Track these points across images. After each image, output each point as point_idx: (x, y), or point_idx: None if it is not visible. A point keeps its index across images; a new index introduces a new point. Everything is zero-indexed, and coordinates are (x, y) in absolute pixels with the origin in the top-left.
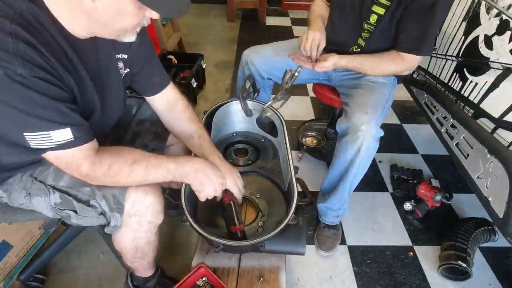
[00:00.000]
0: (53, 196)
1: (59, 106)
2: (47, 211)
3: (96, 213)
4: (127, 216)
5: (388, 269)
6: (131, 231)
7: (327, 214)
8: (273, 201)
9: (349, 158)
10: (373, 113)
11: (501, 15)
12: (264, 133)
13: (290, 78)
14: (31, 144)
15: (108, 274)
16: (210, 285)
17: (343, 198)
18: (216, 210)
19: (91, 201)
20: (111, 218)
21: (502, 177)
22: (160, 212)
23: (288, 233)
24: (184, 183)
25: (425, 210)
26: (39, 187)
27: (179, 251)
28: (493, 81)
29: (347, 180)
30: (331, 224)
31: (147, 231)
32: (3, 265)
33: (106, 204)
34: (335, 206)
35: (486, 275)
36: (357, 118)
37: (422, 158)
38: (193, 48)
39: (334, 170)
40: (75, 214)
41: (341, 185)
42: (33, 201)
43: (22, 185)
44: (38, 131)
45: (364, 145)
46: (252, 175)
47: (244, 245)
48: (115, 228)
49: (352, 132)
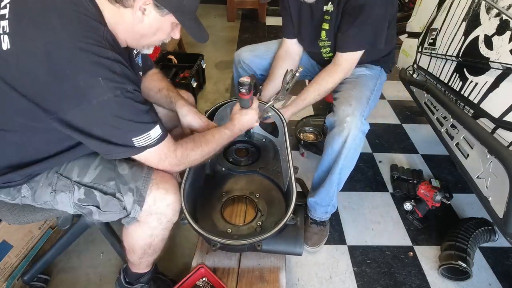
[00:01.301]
0: (77, 192)
1: (148, 109)
2: (69, 208)
3: (120, 207)
4: (148, 213)
5: (388, 269)
6: (149, 229)
7: (316, 209)
8: (272, 201)
9: (336, 150)
10: (357, 104)
11: (501, 15)
12: (265, 133)
13: (291, 78)
14: (136, 144)
15: (108, 274)
16: (210, 286)
17: (330, 192)
18: (214, 209)
19: (117, 193)
20: (132, 210)
21: (502, 177)
22: (178, 211)
23: (286, 233)
24: (183, 183)
25: (425, 210)
26: (65, 183)
27: (179, 251)
28: (493, 81)
29: (334, 173)
30: (319, 219)
31: (164, 229)
32: (3, 265)
33: (131, 196)
34: (324, 201)
35: (486, 275)
36: (342, 110)
37: (422, 158)
38: (193, 48)
39: (323, 163)
40: (97, 210)
41: (328, 178)
42: (57, 197)
43: (48, 182)
44: (144, 133)
45: (350, 137)
46: (253, 175)
47: (241, 244)
48: (132, 220)
49: (338, 124)
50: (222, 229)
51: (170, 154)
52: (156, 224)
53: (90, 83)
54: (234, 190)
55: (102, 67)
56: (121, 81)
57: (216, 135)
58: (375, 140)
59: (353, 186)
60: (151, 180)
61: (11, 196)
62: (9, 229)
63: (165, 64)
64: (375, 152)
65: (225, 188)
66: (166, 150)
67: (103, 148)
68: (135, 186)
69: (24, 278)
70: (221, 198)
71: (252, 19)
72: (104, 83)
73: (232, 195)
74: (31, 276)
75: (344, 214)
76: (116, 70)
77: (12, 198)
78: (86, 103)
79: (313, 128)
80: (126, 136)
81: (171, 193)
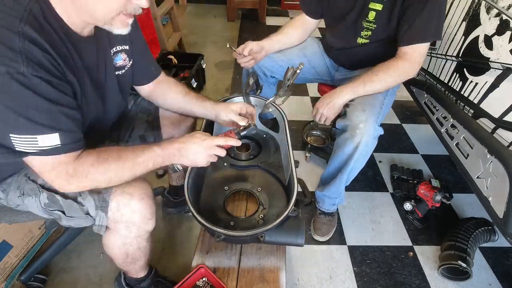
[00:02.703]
0: (42, 196)
1: (53, 109)
2: (39, 212)
3: (83, 212)
4: (114, 221)
5: (388, 269)
6: (120, 237)
7: (324, 201)
8: (274, 194)
9: (347, 153)
10: (370, 111)
11: (501, 15)
12: (266, 128)
13: (292, 75)
14: (16, 146)
15: (108, 274)
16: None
17: (339, 188)
18: (217, 203)
19: (78, 198)
20: (96, 216)
21: (502, 177)
22: (149, 219)
23: (288, 224)
24: (187, 176)
25: (425, 210)
26: (32, 186)
27: (179, 251)
28: (493, 81)
29: (344, 173)
30: (327, 211)
31: (137, 237)
32: (3, 265)
33: (93, 201)
34: (333, 195)
35: (486, 275)
36: (356, 116)
37: (422, 158)
38: (193, 48)
39: (333, 163)
40: (63, 215)
41: (338, 177)
42: (25, 201)
43: (17, 185)
44: (25, 134)
45: (363, 143)
46: (254, 169)
47: (245, 235)
48: (101, 228)
49: (351, 129)
50: (225, 222)
51: (59, 166)
52: (126, 233)
53: None
54: (236, 184)
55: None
56: (14, 59)
57: (138, 151)
58: None
59: (353, 186)
60: None
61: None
62: (9, 229)
63: (165, 64)
64: (375, 152)
65: (227, 183)
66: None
67: None
68: (97, 191)
69: (21, 278)
70: (223, 192)
71: (252, 19)
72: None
73: (235, 189)
74: (28, 276)
75: (344, 214)
76: (13, 45)
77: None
78: None
79: (320, 132)
80: (3, 129)
81: (136, 198)
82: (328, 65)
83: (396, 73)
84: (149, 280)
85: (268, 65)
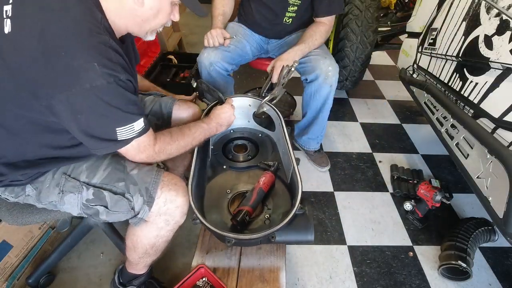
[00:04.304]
0: (86, 193)
1: (137, 100)
2: (75, 209)
3: (129, 207)
4: (157, 214)
5: (388, 269)
6: (156, 229)
7: (310, 143)
8: (276, 193)
9: (324, 95)
10: (329, 56)
11: (501, 15)
12: (261, 128)
13: (287, 73)
14: (119, 137)
15: (108, 274)
16: (210, 286)
17: (323, 125)
18: (221, 207)
19: (126, 194)
20: (141, 210)
21: (502, 177)
22: (185, 214)
23: (296, 222)
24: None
25: (425, 210)
26: (74, 184)
27: (179, 251)
28: (493, 81)
29: (325, 111)
30: (315, 149)
31: (170, 230)
32: (3, 265)
33: (141, 197)
34: (316, 133)
35: (486, 275)
36: (323, 63)
37: (422, 158)
38: (193, 48)
39: (310, 109)
40: (105, 210)
41: (320, 117)
42: (65, 198)
43: (55, 183)
44: (128, 124)
45: (334, 82)
46: (254, 170)
47: (256, 238)
48: (140, 221)
49: (323, 75)
50: (232, 226)
51: (149, 147)
52: (164, 225)
53: (85, 67)
54: (237, 186)
55: (98, 52)
56: (115, 69)
57: (193, 129)
58: (375, 140)
59: (353, 186)
60: (161, 181)
61: (14, 194)
62: (9, 229)
63: (165, 64)
64: (375, 152)
65: (228, 185)
66: (146, 143)
67: (87, 142)
68: (144, 187)
69: (28, 281)
70: (226, 195)
71: None
72: (99, 69)
73: (237, 191)
74: (35, 279)
75: (344, 214)
76: (111, 57)
77: (16, 196)
78: (79, 87)
79: None
80: (110, 126)
81: (181, 195)
82: (258, 41)
83: (324, 35)
84: (142, 278)
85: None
